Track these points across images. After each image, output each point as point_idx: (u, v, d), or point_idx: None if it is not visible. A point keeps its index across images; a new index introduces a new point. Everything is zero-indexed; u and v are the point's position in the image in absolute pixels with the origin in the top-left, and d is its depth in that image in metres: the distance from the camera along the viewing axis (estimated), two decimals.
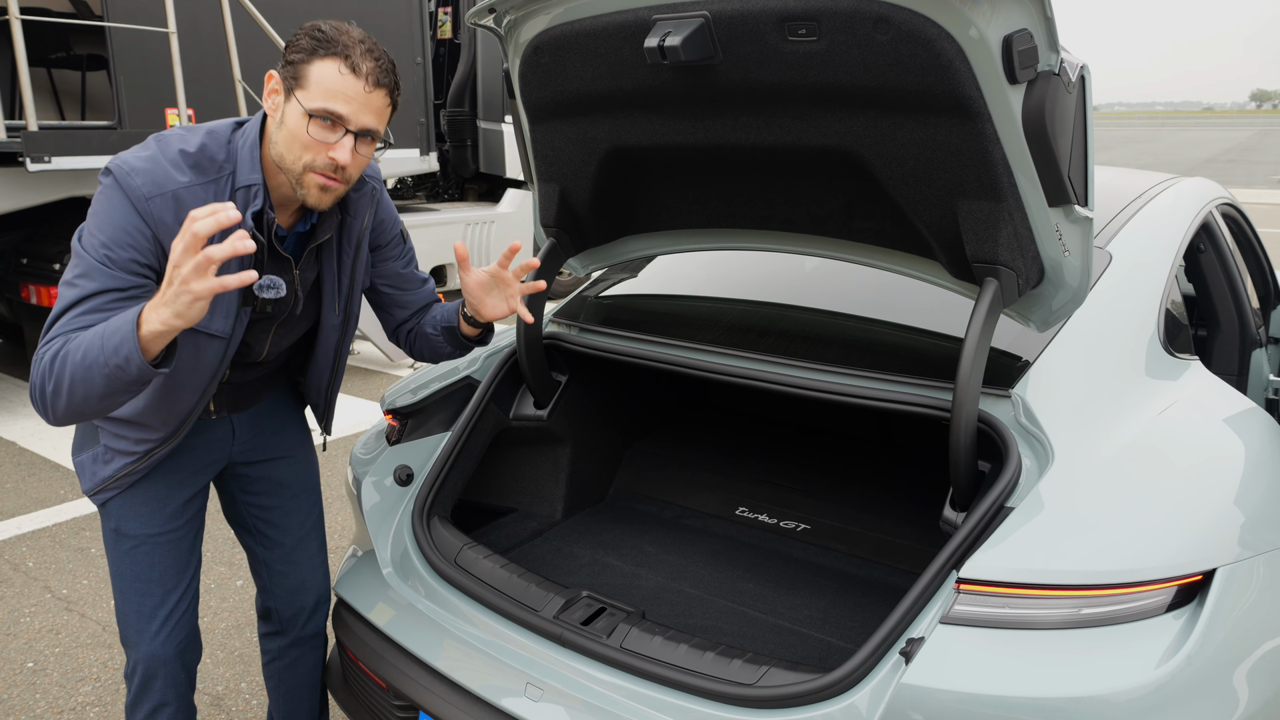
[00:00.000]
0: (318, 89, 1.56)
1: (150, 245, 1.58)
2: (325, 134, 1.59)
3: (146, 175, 1.57)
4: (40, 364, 1.52)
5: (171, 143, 1.64)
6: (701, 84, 1.74)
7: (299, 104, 1.58)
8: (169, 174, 1.59)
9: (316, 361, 1.97)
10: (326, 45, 1.57)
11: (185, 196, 1.59)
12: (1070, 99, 1.55)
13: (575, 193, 2.15)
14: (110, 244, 1.55)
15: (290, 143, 1.60)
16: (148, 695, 1.94)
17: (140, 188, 1.56)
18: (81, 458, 1.86)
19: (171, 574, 1.90)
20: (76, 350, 1.48)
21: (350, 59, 1.57)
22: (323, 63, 1.57)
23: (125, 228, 1.56)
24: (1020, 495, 1.61)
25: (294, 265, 1.80)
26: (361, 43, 1.60)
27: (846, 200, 1.92)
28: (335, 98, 1.57)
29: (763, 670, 1.59)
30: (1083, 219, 1.66)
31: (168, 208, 1.57)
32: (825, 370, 2.01)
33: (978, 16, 1.45)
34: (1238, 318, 2.85)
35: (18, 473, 4.73)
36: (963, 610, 1.46)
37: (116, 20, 5.35)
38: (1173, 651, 1.42)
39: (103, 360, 1.45)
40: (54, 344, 1.52)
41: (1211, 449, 1.78)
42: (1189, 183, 2.77)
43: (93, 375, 1.46)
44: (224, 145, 1.66)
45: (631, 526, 2.57)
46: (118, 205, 1.56)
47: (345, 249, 1.87)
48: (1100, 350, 1.95)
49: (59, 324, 1.54)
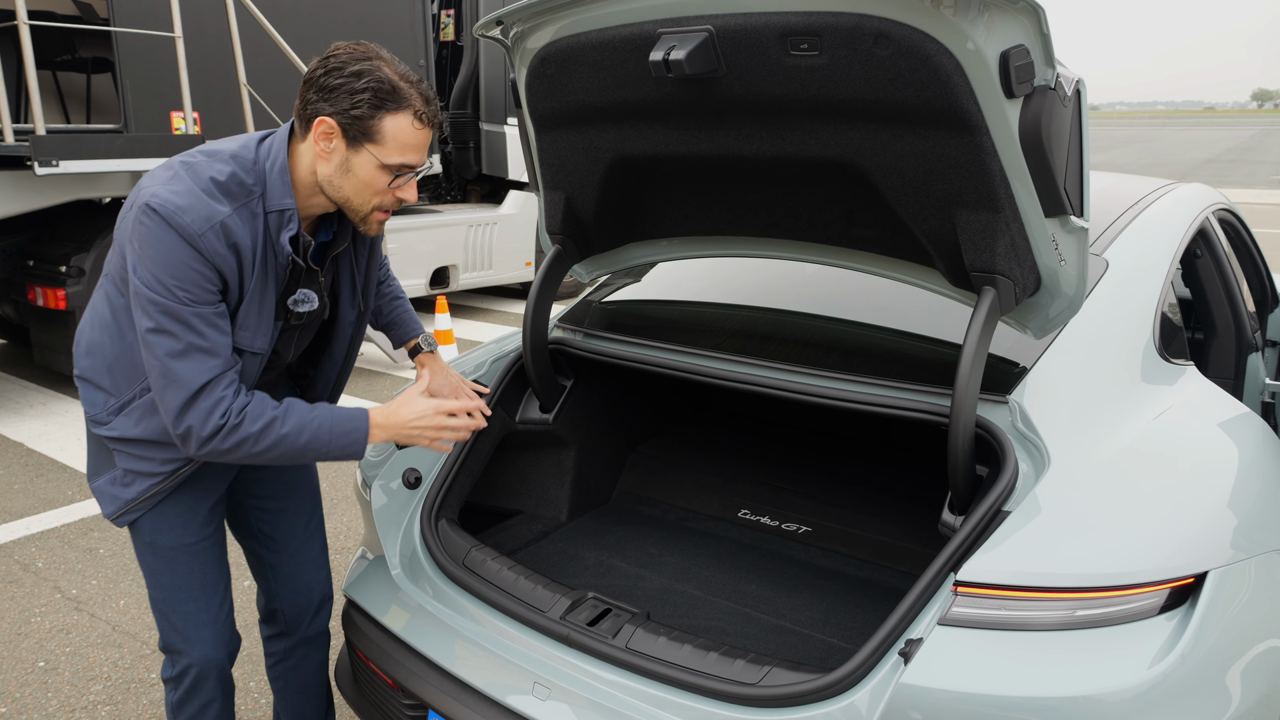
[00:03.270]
0: (394, 145, 1.65)
1: (212, 273, 1.65)
2: (399, 182, 1.70)
3: (193, 212, 1.61)
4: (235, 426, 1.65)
5: (201, 171, 1.67)
6: (705, 96, 1.78)
7: (374, 157, 1.65)
8: (212, 206, 1.63)
9: (332, 355, 2.04)
10: (395, 99, 1.63)
11: (230, 225, 1.64)
12: (1066, 112, 1.59)
13: (580, 200, 2.18)
14: (183, 284, 1.61)
15: (361, 189, 1.69)
16: (198, 694, 2.00)
17: (191, 225, 1.60)
18: (99, 483, 1.88)
19: (212, 579, 1.96)
20: (299, 434, 1.69)
21: (417, 109, 1.65)
22: (394, 118, 1.64)
23: (188, 265, 1.61)
24: (1017, 499, 1.65)
25: (320, 274, 1.87)
26: (418, 84, 1.67)
27: (847, 209, 1.95)
28: (411, 152, 1.67)
29: (765, 670, 1.63)
30: (1078, 229, 1.70)
31: (218, 238, 1.63)
32: (826, 376, 2.05)
33: (975, 32, 1.48)
34: (1234, 322, 2.88)
35: (26, 474, 4.77)
36: (960, 612, 1.49)
37: (122, 24, 5.39)
38: (1165, 652, 1.46)
39: (329, 443, 1.71)
40: (237, 402, 1.66)
41: (1205, 454, 1.82)
42: (1185, 189, 2.81)
43: (309, 449, 1.70)
44: (250, 168, 1.70)
45: (635, 529, 2.61)
46: (172, 245, 1.60)
47: (360, 250, 1.95)
48: (1096, 356, 1.98)
49: (211, 374, 1.64)
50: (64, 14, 6.77)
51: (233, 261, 1.66)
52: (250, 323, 1.74)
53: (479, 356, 2.59)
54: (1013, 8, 1.47)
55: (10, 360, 7.05)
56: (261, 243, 1.69)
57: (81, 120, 7.10)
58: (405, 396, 1.83)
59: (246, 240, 1.67)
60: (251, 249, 1.68)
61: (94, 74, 6.88)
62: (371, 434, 1.76)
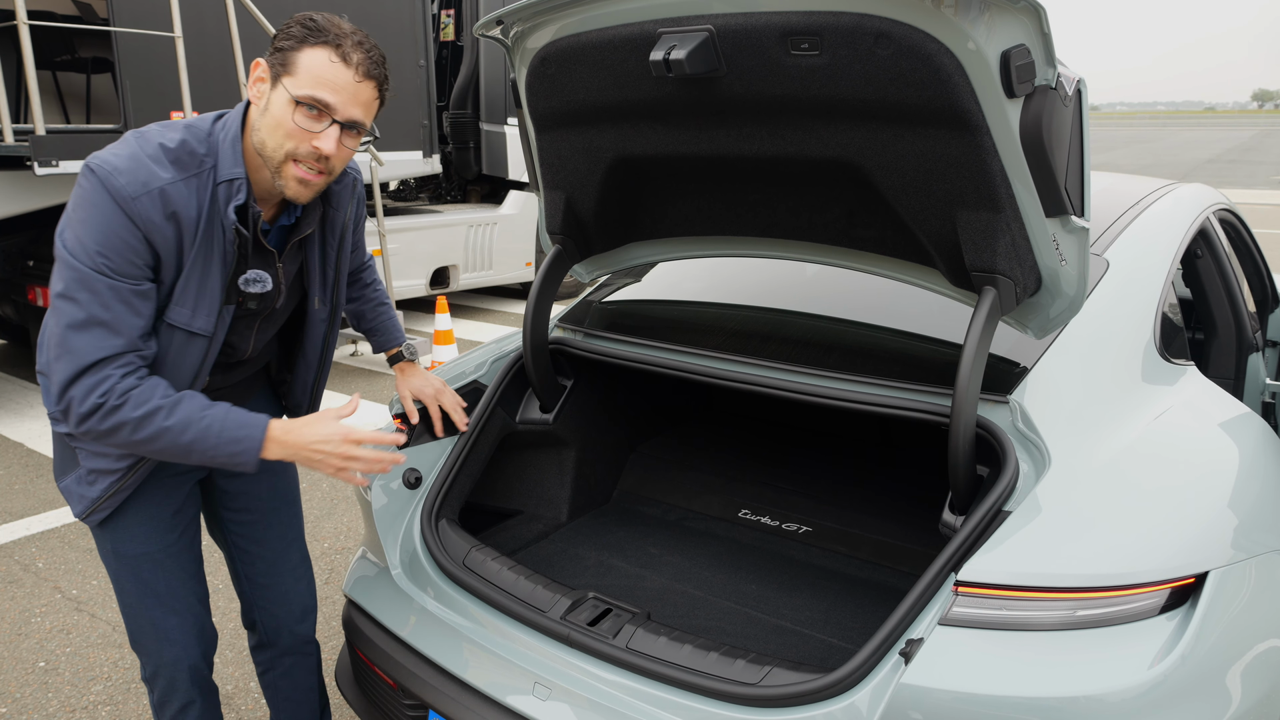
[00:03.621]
0: (306, 76, 1.56)
1: (143, 245, 1.57)
2: (311, 123, 1.58)
3: (130, 174, 1.55)
4: (111, 406, 1.55)
5: (151, 138, 1.62)
6: (706, 96, 1.77)
7: (286, 91, 1.57)
8: (152, 171, 1.57)
9: (305, 356, 1.98)
10: (318, 34, 1.57)
11: (170, 193, 1.57)
12: (1067, 112, 1.59)
13: (581, 200, 2.18)
14: (105, 250, 1.53)
15: (274, 129, 1.59)
16: (175, 694, 1.97)
17: (125, 188, 1.54)
18: (66, 482, 1.83)
19: (177, 584, 1.91)
20: (184, 430, 1.59)
21: (341, 48, 1.57)
22: (313, 51, 1.56)
23: (116, 232, 1.54)
24: (1017, 499, 1.65)
25: (278, 258, 1.79)
26: (353, 34, 1.60)
27: (848, 209, 1.95)
28: (324, 86, 1.56)
29: (765, 670, 1.63)
30: (1079, 229, 1.70)
31: (154, 206, 1.56)
32: (826, 376, 2.05)
33: (976, 32, 1.48)
34: (1234, 323, 2.88)
35: (26, 474, 4.77)
36: (961, 612, 1.49)
37: (122, 24, 5.38)
38: (1166, 652, 1.46)
39: (215, 447, 1.61)
40: (120, 385, 1.55)
41: (1205, 454, 1.82)
42: (1186, 189, 2.81)
43: (192, 449, 1.61)
44: (204, 138, 1.64)
45: (636, 529, 2.61)
46: (103, 208, 1.54)
47: (329, 241, 1.87)
48: (1097, 356, 1.98)
49: (97, 343, 1.54)
50: (64, 14, 6.77)
51: (169, 232, 1.58)
52: (188, 299, 1.65)
53: (479, 356, 2.58)
54: (1013, 7, 1.47)
55: (10, 360, 7.05)
56: (207, 214, 1.62)
57: (81, 120, 7.09)
58: (316, 416, 1.71)
59: (190, 211, 1.59)
60: (195, 220, 1.60)
61: (94, 74, 6.88)
62: (266, 448, 1.64)
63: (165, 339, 1.67)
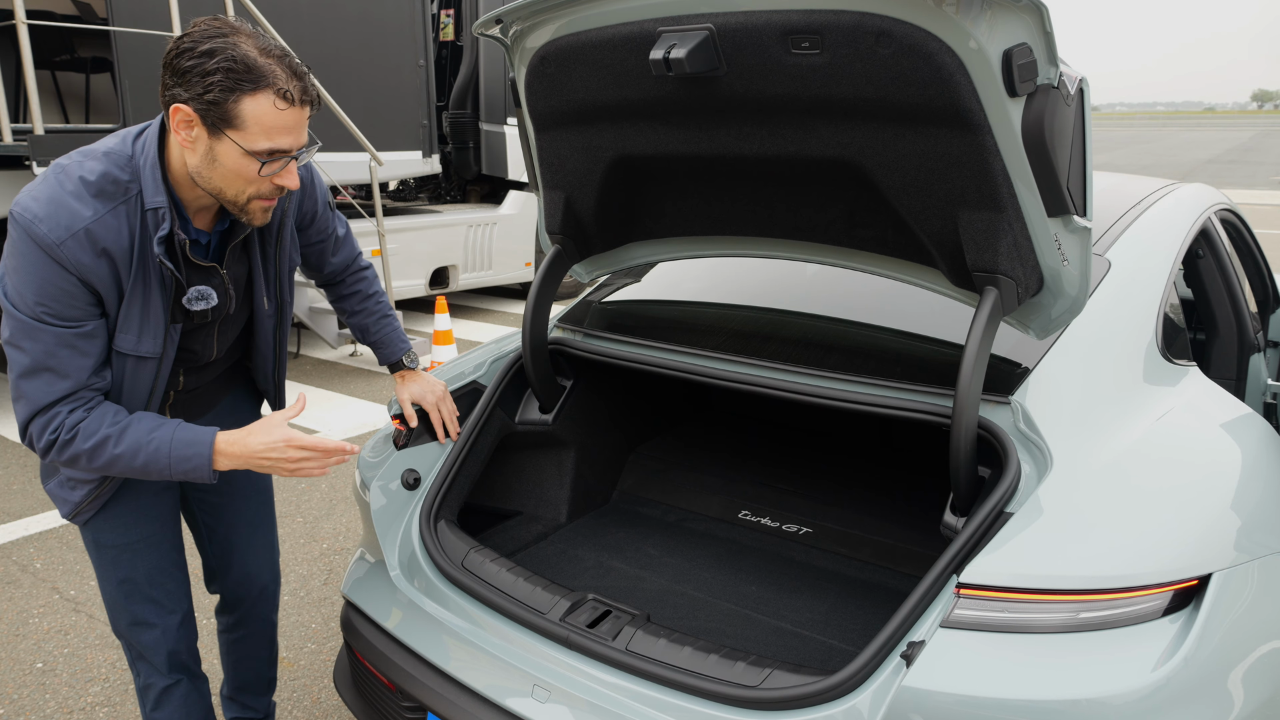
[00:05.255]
0: (257, 129, 1.50)
1: (79, 289, 1.56)
2: (272, 168, 1.56)
3: (51, 220, 1.51)
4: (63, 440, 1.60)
5: (71, 172, 1.56)
6: (706, 95, 1.77)
7: (237, 145, 1.51)
8: (74, 211, 1.52)
9: (259, 350, 2.02)
10: (250, 78, 1.47)
11: (96, 231, 1.54)
12: (1069, 111, 1.58)
13: (580, 200, 2.17)
14: (43, 299, 1.53)
15: (233, 179, 1.56)
16: (155, 676, 2.04)
17: (47, 235, 1.50)
18: (50, 485, 1.86)
19: (157, 571, 1.97)
20: (134, 455, 1.62)
21: (280, 87, 1.50)
22: (254, 99, 1.48)
23: (50, 281, 1.52)
24: (1019, 501, 1.64)
25: (220, 269, 1.77)
26: (281, 61, 1.52)
27: (848, 209, 1.94)
28: (278, 134, 1.52)
29: (766, 673, 1.61)
30: (1081, 229, 1.69)
31: (82, 247, 1.53)
32: (827, 376, 2.04)
33: (978, 31, 1.47)
34: (1236, 323, 2.87)
35: (24, 474, 4.76)
36: (963, 614, 1.48)
37: (121, 24, 5.38)
38: (1169, 655, 1.45)
39: (166, 468, 1.63)
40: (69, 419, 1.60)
41: (1208, 455, 1.81)
42: (1188, 189, 2.80)
43: (148, 472, 1.64)
44: (126, 163, 1.59)
45: (635, 530, 2.60)
46: (31, 258, 1.52)
47: (268, 241, 1.87)
48: (1099, 357, 1.97)
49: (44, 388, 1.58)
50: (63, 14, 6.76)
51: (103, 269, 1.56)
52: (132, 326, 1.65)
53: (479, 357, 2.57)
54: (1015, 6, 1.46)
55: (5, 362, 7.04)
56: (139, 241, 1.59)
57: (80, 120, 7.08)
58: (262, 423, 1.70)
59: (121, 242, 1.57)
60: (128, 250, 1.58)
61: (93, 74, 6.87)
62: (216, 461, 1.65)
63: (117, 365, 1.69)
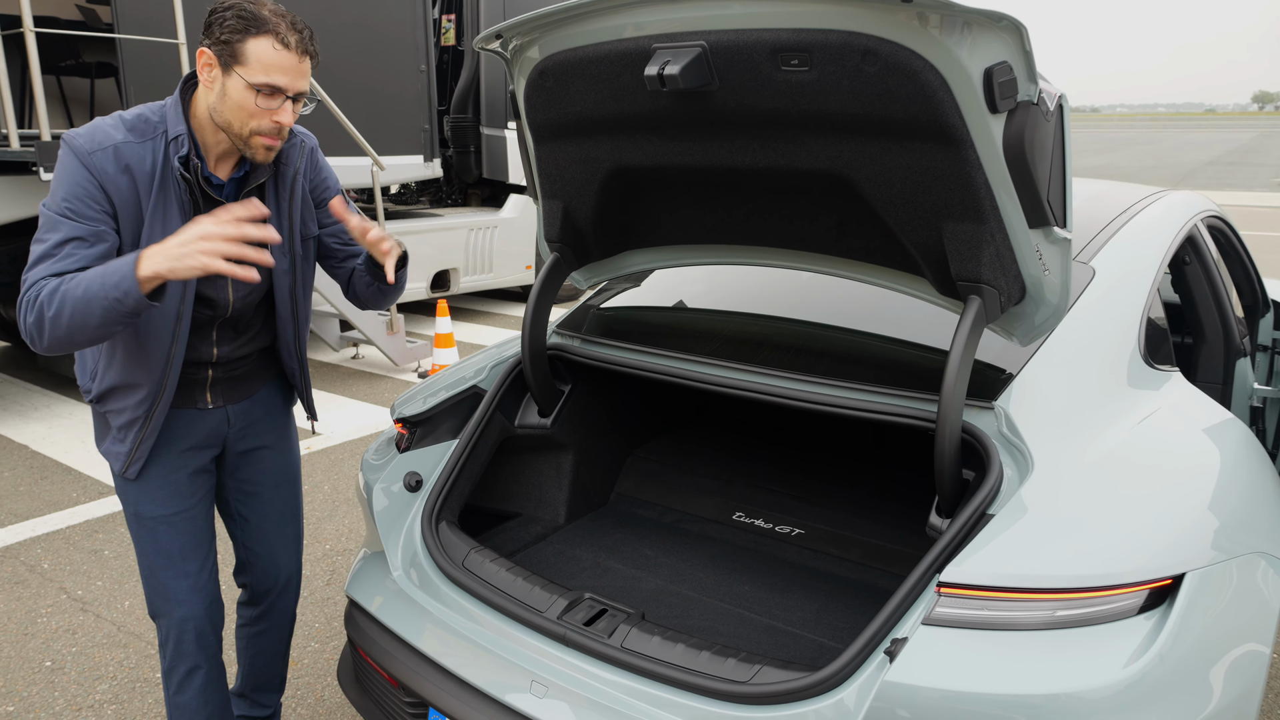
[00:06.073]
0: (257, 65, 1.81)
1: (99, 193, 1.82)
2: (269, 102, 1.83)
3: (88, 136, 1.84)
4: (35, 300, 1.76)
5: (113, 114, 1.90)
6: (699, 109, 1.82)
7: (241, 79, 1.81)
8: (107, 132, 1.85)
9: (279, 312, 2.13)
10: (257, 24, 1.80)
11: (124, 149, 1.84)
12: (1049, 127, 1.64)
13: (578, 209, 2.23)
14: (68, 198, 1.81)
15: (238, 112, 1.84)
16: (182, 658, 2.15)
17: (83, 145, 1.82)
18: (105, 446, 2.09)
19: (191, 546, 2.12)
20: (76, 288, 1.73)
21: (280, 35, 1.81)
22: (256, 41, 1.80)
23: (78, 181, 1.82)
24: (1001, 503, 1.69)
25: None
26: (285, 16, 1.84)
27: (838, 219, 2.00)
28: (274, 71, 1.81)
29: (756, 669, 1.67)
30: (1062, 239, 1.75)
31: (108, 160, 1.83)
32: (817, 382, 2.10)
33: (960, 50, 1.53)
34: (1222, 328, 2.92)
35: (31, 476, 4.82)
36: (944, 612, 1.54)
37: (127, 31, 5.44)
38: (1143, 651, 1.50)
39: (103, 295, 1.71)
40: (45, 284, 1.76)
41: (1186, 458, 1.86)
42: (1175, 196, 2.85)
43: (92, 308, 1.72)
44: (158, 110, 1.91)
45: (632, 531, 2.66)
46: (68, 165, 1.83)
47: (282, 192, 2.06)
48: (1082, 363, 2.03)
49: (39, 269, 1.78)
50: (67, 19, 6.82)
51: (124, 184, 1.84)
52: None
53: (479, 362, 2.63)
54: (996, 25, 1.51)
55: (14, 364, 7.10)
56: (160, 168, 1.87)
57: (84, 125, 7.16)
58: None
59: (144, 166, 1.85)
60: (149, 175, 1.86)
61: (97, 78, 6.94)
62: (140, 265, 1.71)
63: None
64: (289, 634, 2.50)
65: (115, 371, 1.99)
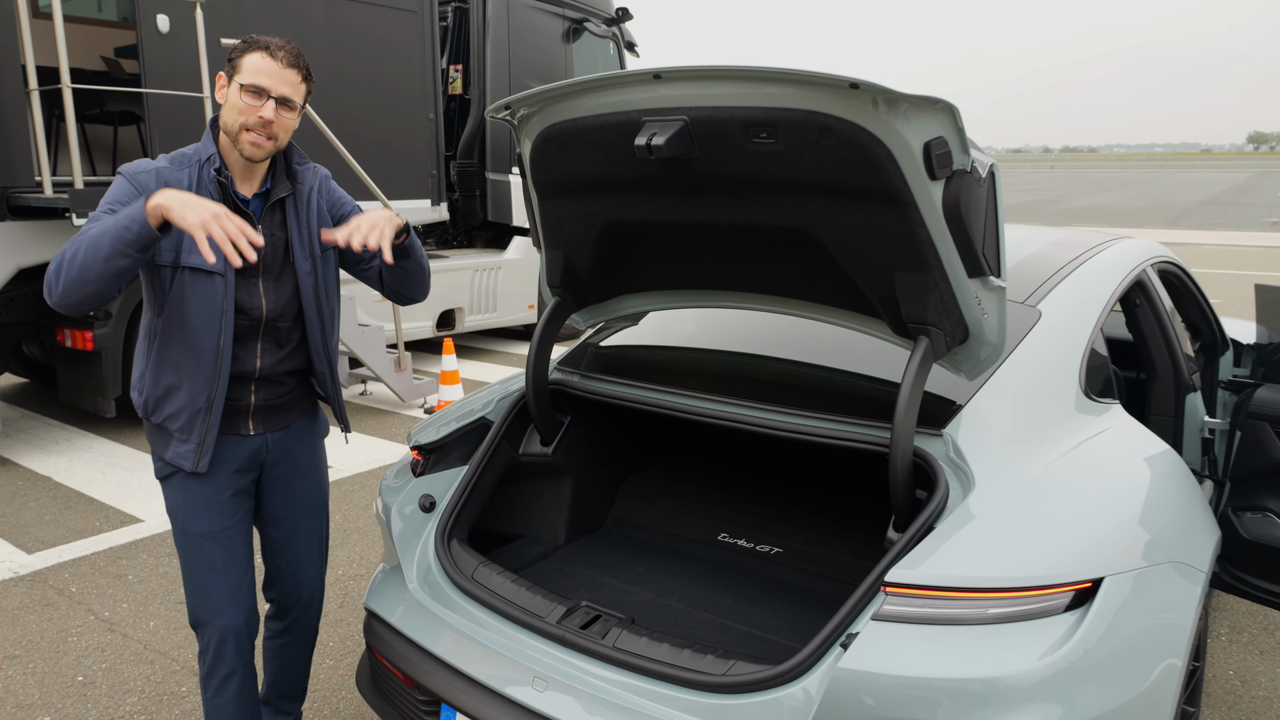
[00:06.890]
0: (247, 71, 2.16)
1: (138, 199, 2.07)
2: (254, 101, 2.14)
3: (137, 165, 2.20)
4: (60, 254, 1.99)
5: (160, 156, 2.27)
6: (683, 173, 2.09)
7: (236, 83, 2.16)
8: (150, 161, 2.21)
9: (307, 316, 2.36)
10: (254, 44, 2.18)
11: (165, 172, 2.19)
12: (981, 191, 1.90)
13: (577, 259, 2.50)
14: (110, 201, 2.13)
15: (231, 111, 2.17)
16: (221, 664, 2.37)
17: (130, 168, 2.18)
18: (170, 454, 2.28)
19: (232, 561, 2.35)
20: (93, 228, 1.98)
21: (269, 49, 2.17)
22: (250, 55, 2.17)
23: (122, 189, 2.15)
24: (947, 516, 1.93)
25: (254, 221, 2.26)
26: (281, 44, 2.19)
27: (806, 269, 2.26)
28: (259, 74, 2.15)
29: (731, 663, 1.90)
30: (997, 287, 2.00)
31: (150, 177, 2.17)
32: (790, 413, 2.34)
33: (902, 127, 1.79)
34: (1171, 365, 3.16)
35: (55, 506, 5.04)
36: (890, 609, 1.77)
37: (153, 85, 5.76)
38: (1064, 643, 1.73)
39: (114, 226, 1.94)
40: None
41: (1113, 478, 2.10)
42: (1128, 243, 3.10)
43: (102, 240, 1.94)
44: (193, 148, 2.26)
45: (626, 550, 2.89)
46: (116, 183, 2.17)
47: (300, 205, 2.34)
48: (1025, 395, 2.27)
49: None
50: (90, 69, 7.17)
51: None
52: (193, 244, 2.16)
53: (486, 395, 2.88)
54: (932, 107, 1.78)
55: (35, 399, 7.35)
56: (195, 188, 2.18)
57: (108, 171, 7.46)
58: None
59: (180, 185, 2.17)
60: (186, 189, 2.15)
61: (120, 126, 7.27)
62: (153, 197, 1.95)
63: (188, 285, 2.17)
64: (311, 647, 2.71)
65: (168, 374, 2.22)
